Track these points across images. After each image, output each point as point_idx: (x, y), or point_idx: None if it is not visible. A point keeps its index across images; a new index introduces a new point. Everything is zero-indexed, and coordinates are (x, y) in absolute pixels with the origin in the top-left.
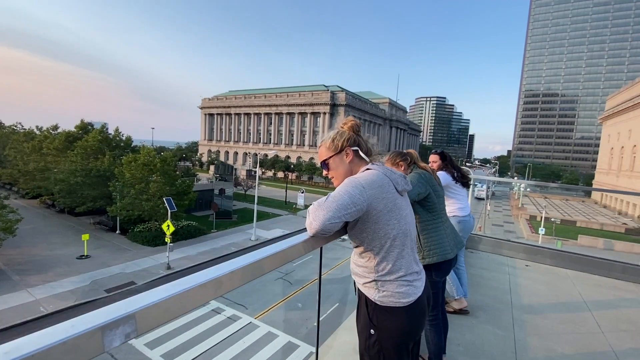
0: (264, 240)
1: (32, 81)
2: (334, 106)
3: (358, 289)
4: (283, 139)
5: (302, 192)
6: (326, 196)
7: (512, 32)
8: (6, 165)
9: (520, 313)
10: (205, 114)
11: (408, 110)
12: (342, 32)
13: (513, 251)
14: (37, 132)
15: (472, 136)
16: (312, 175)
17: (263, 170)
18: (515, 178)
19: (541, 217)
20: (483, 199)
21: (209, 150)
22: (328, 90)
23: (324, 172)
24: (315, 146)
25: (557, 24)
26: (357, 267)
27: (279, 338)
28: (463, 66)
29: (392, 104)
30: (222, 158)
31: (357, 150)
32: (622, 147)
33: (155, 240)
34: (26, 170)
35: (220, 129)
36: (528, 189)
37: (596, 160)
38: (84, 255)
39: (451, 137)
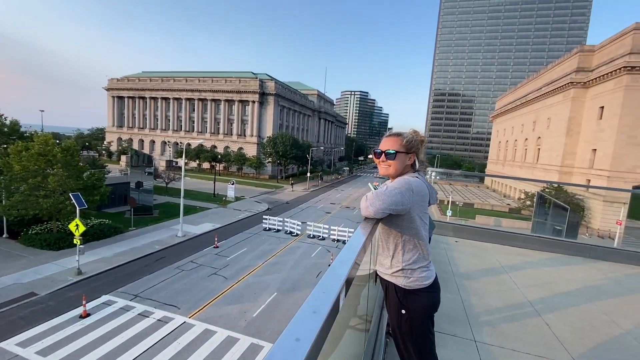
0: (192, 236)
1: None
2: (263, 95)
3: (383, 279)
4: (208, 127)
5: (233, 184)
6: (384, 187)
7: (426, 36)
8: None
9: (460, 279)
10: (114, 97)
11: (335, 102)
12: (270, 19)
13: (444, 229)
14: None
15: (390, 129)
16: (242, 166)
17: (186, 160)
18: (427, 168)
19: (448, 201)
20: None
21: (119, 139)
22: (257, 78)
23: (380, 159)
24: (244, 135)
25: (460, 32)
26: (386, 259)
27: (217, 334)
28: (383, 63)
29: (321, 96)
30: (135, 147)
31: (415, 160)
32: (507, 141)
33: (59, 242)
34: None
35: (133, 115)
36: (438, 177)
37: (488, 152)
38: None
39: (373, 130)
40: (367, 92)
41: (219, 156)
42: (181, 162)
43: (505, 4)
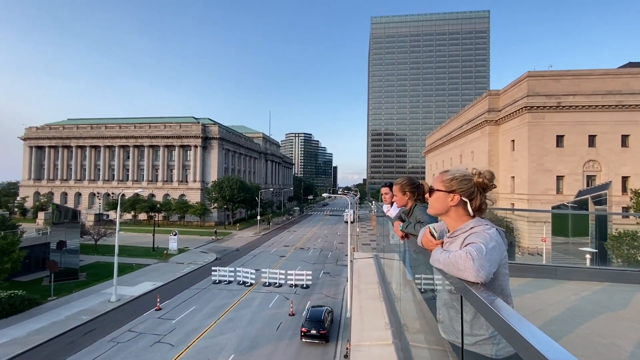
0: (129, 299)
1: None
2: (206, 139)
3: (465, 350)
4: (145, 175)
5: (175, 235)
6: (474, 247)
7: (360, 81)
8: None
9: None
10: (32, 147)
11: (280, 144)
12: (211, 65)
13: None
14: None
15: (335, 167)
16: (185, 214)
17: (120, 213)
18: (372, 202)
19: None
20: (352, 222)
21: (37, 193)
22: (199, 122)
23: (427, 194)
24: (186, 181)
25: (388, 80)
26: (471, 326)
27: None
28: (323, 106)
29: (266, 139)
30: (57, 201)
31: (466, 202)
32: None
33: None
34: None
35: (54, 165)
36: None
37: None
38: None
39: (319, 169)
40: (311, 134)
41: (158, 205)
42: (113, 214)
43: (422, 57)
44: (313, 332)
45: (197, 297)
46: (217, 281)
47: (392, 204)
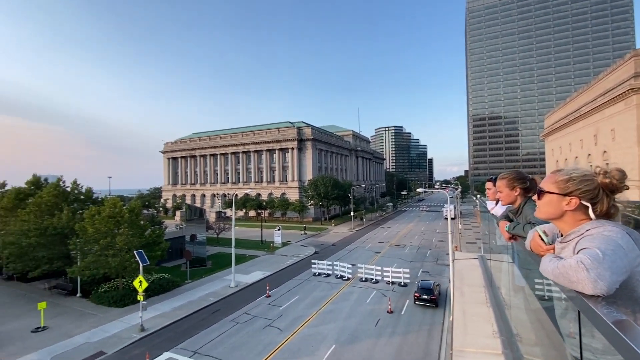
0: (244, 286)
1: None
2: (301, 141)
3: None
4: (252, 177)
5: (279, 230)
6: (587, 253)
7: (455, 63)
8: None
9: None
10: (169, 158)
11: (370, 140)
12: (301, 70)
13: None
14: None
15: (430, 160)
16: (286, 211)
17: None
18: (477, 196)
19: None
20: (453, 219)
21: (174, 195)
22: (294, 126)
23: (534, 196)
24: (286, 181)
25: (491, 56)
26: (594, 351)
27: None
28: (414, 97)
29: (356, 136)
30: (188, 202)
31: (587, 207)
32: (566, 159)
33: (124, 299)
34: None
35: (185, 172)
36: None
37: (544, 173)
38: (40, 327)
39: (412, 163)
40: (402, 127)
41: (264, 203)
42: (229, 212)
43: (535, 23)
44: (425, 297)
45: (299, 288)
46: (317, 274)
47: (497, 201)
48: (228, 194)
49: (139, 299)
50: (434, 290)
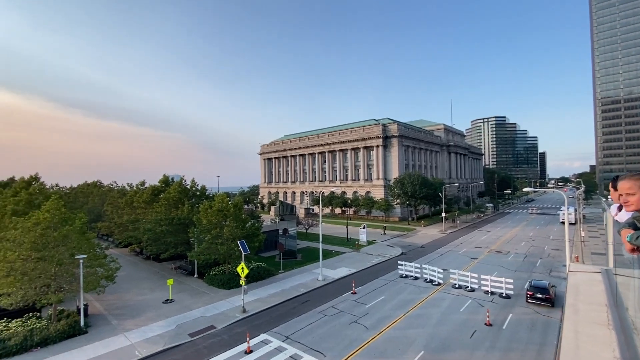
0: (331, 281)
1: (121, 145)
2: (386, 138)
3: None
4: (337, 175)
5: (364, 228)
6: None
7: (572, 38)
8: (105, 219)
9: None
10: (264, 159)
11: (465, 133)
12: (386, 65)
13: None
14: (128, 189)
15: (542, 154)
16: (371, 210)
17: (321, 207)
18: (608, 198)
19: None
20: (573, 224)
21: (269, 192)
22: (379, 123)
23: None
24: (371, 179)
25: (628, 24)
26: None
27: None
28: (521, 81)
29: (448, 129)
30: (281, 198)
31: None
32: None
33: (230, 282)
34: (120, 222)
35: (278, 172)
36: None
37: None
38: (168, 300)
39: (518, 158)
40: (504, 117)
41: (349, 201)
42: (317, 209)
43: None
44: (538, 295)
45: (386, 288)
46: (404, 275)
47: (620, 205)
48: (315, 191)
49: (241, 283)
50: (549, 289)
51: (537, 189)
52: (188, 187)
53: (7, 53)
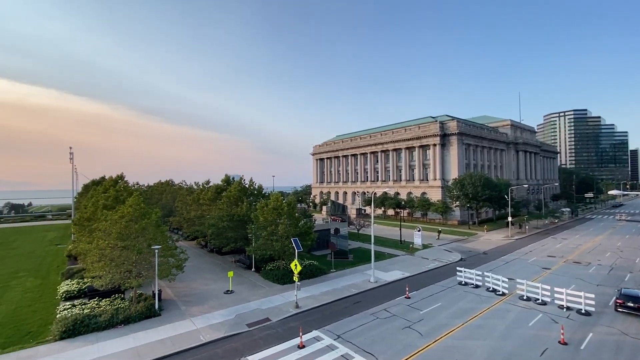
0: (383, 283)
1: (189, 148)
2: (444, 136)
3: None
4: (390, 176)
5: (419, 231)
6: None
7: None
8: (175, 214)
9: None
10: (317, 159)
11: (536, 130)
12: (446, 64)
13: None
14: (195, 187)
15: (634, 152)
16: (427, 212)
17: (373, 208)
18: None
19: None
20: None
21: (321, 192)
22: (436, 120)
23: None
24: (427, 180)
25: None
26: None
27: None
28: (607, 67)
29: (515, 126)
30: (332, 198)
31: None
32: None
33: (284, 278)
34: (188, 217)
35: (330, 172)
36: None
37: None
38: (229, 291)
39: (603, 156)
40: (585, 110)
41: (403, 202)
42: (368, 209)
43: None
44: (630, 304)
45: (442, 295)
46: (463, 283)
47: None
48: (367, 192)
49: (294, 279)
50: None
51: (627, 192)
52: (247, 186)
53: (92, 69)
